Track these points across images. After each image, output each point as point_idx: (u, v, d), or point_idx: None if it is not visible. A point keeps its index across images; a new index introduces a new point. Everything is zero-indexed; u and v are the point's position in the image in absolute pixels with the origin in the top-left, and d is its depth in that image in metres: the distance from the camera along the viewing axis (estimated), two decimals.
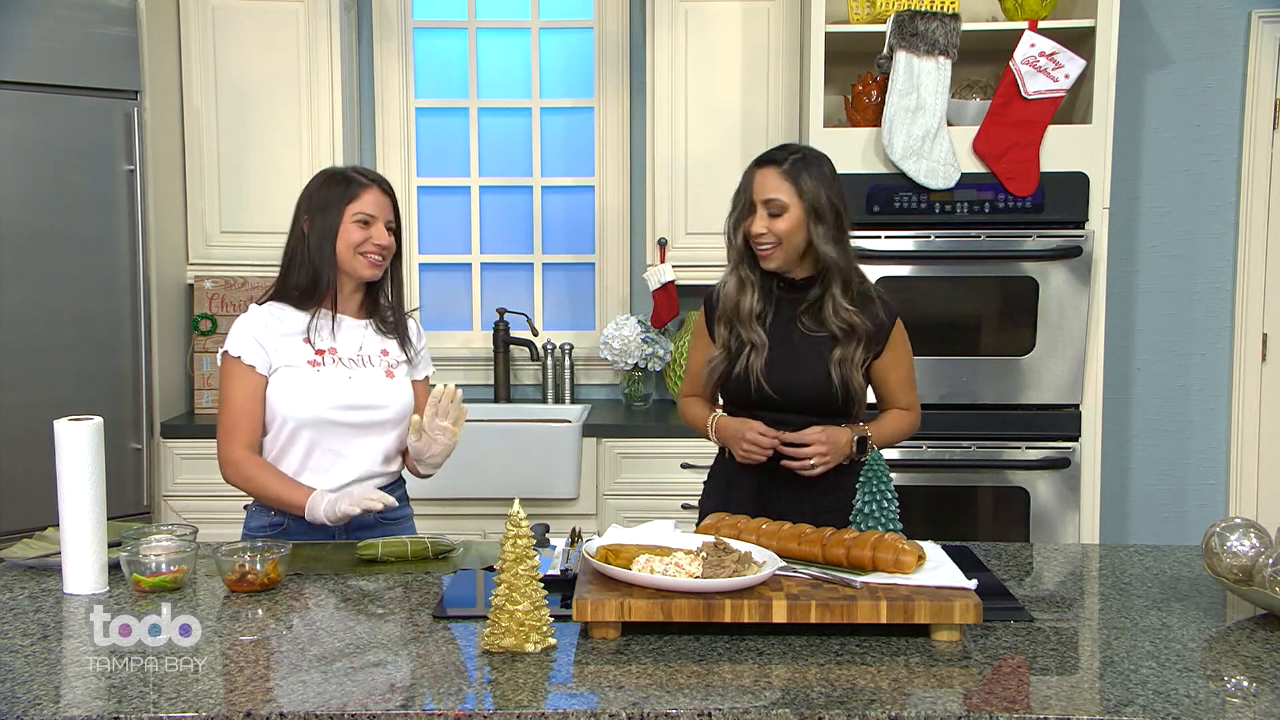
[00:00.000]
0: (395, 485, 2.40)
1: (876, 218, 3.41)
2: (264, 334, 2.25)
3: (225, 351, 2.26)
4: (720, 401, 2.42)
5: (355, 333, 2.33)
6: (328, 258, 2.26)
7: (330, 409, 2.25)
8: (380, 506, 2.17)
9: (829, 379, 2.26)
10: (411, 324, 2.43)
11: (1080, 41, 3.44)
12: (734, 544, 1.79)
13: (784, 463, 2.26)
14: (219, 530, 2.91)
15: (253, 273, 3.81)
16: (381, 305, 2.38)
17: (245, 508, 2.38)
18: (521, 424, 3.66)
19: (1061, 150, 3.40)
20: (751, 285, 2.32)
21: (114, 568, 1.95)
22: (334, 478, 2.28)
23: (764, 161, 2.30)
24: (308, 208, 2.29)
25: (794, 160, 2.27)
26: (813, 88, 3.47)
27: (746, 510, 2.16)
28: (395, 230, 2.32)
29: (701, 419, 2.40)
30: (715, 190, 3.77)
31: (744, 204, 2.31)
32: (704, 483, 2.48)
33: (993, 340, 3.49)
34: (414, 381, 2.41)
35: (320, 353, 2.27)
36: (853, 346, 2.27)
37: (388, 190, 2.31)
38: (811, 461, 2.23)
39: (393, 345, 2.36)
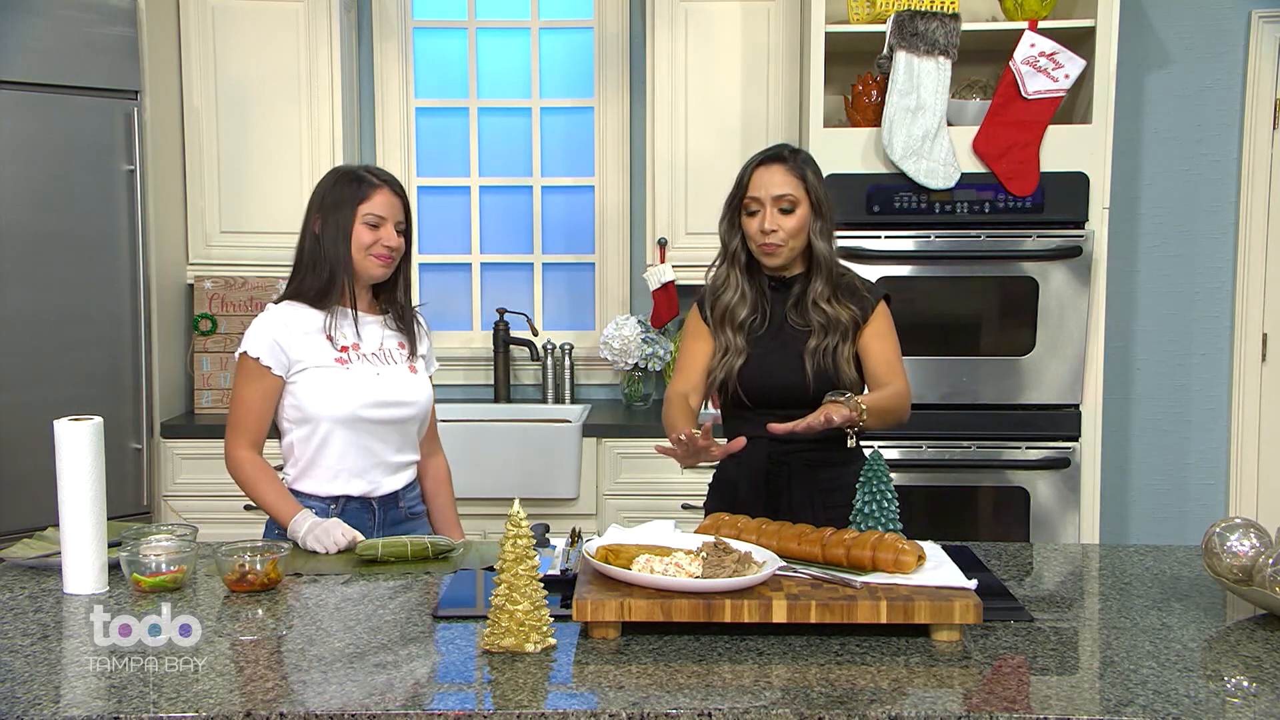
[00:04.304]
0: (414, 484, 2.43)
1: (876, 218, 3.41)
2: (284, 334, 2.25)
3: (244, 352, 2.25)
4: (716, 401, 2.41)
5: (374, 329, 2.34)
6: (342, 258, 2.26)
7: (363, 406, 2.26)
8: (346, 545, 2.16)
9: (804, 372, 2.25)
10: (420, 320, 2.47)
11: (1080, 41, 3.44)
12: (734, 544, 1.79)
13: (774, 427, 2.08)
14: (219, 530, 2.92)
15: (253, 273, 3.81)
16: (395, 301, 2.39)
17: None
18: (521, 424, 3.66)
19: (1061, 150, 3.40)
20: (743, 289, 2.32)
21: (114, 568, 1.95)
22: (371, 477, 2.31)
23: (769, 159, 2.30)
24: (319, 208, 2.29)
25: (797, 157, 2.30)
26: (813, 88, 3.47)
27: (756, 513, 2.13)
28: (406, 230, 2.34)
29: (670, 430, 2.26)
30: (715, 190, 3.73)
31: (741, 203, 2.31)
32: (709, 485, 2.46)
33: (993, 340, 3.49)
34: None
35: (344, 349, 2.28)
36: (834, 337, 2.26)
37: (398, 191, 2.33)
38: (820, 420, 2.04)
39: (407, 340, 2.39)
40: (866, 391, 2.31)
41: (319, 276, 2.27)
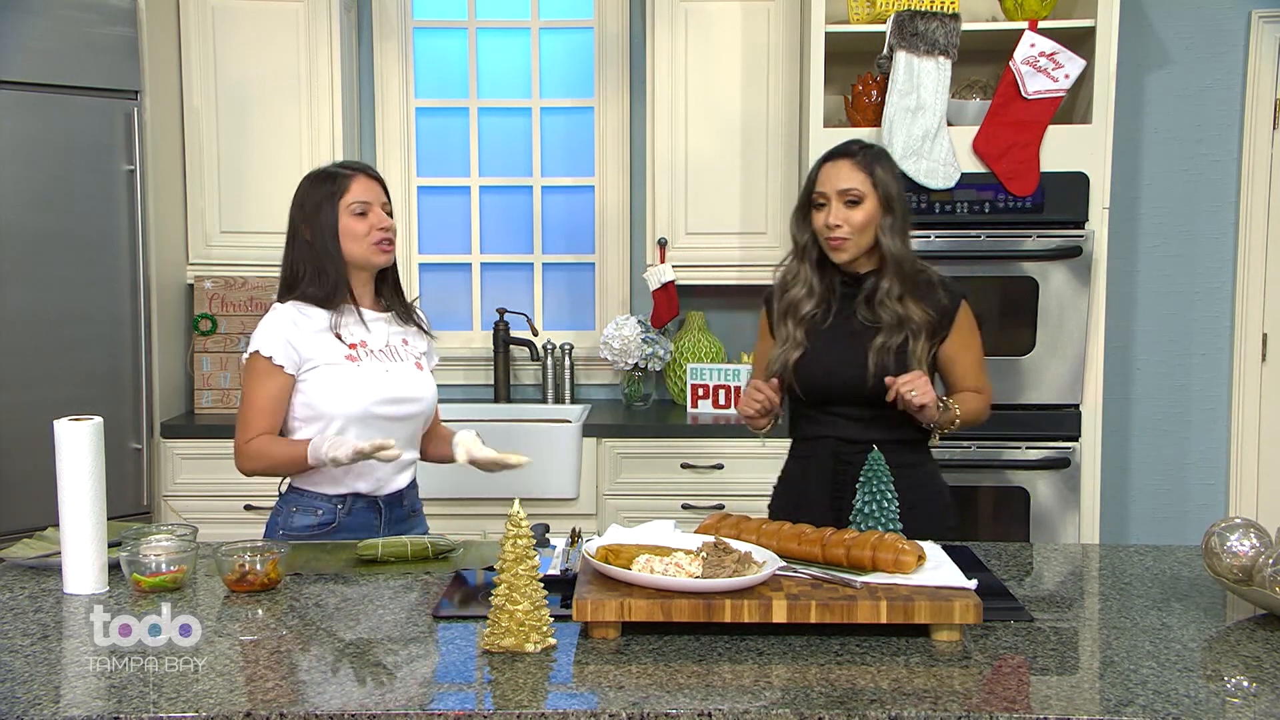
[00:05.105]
0: (415, 482, 2.44)
1: None
2: (295, 332, 2.25)
3: (256, 351, 2.24)
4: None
5: (379, 325, 2.35)
6: (335, 258, 2.27)
7: (374, 403, 2.27)
8: (384, 455, 2.17)
9: (865, 368, 2.24)
10: (421, 315, 2.48)
11: (1080, 41, 3.44)
12: (734, 544, 1.79)
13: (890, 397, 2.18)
14: (219, 530, 2.91)
15: (253, 273, 3.81)
16: (396, 297, 2.40)
17: (281, 495, 2.36)
18: (521, 424, 3.66)
19: (1061, 150, 3.40)
20: (809, 285, 2.33)
21: (114, 568, 1.95)
22: (379, 475, 2.31)
23: (837, 154, 2.32)
24: (303, 215, 2.30)
25: (866, 152, 2.30)
26: (813, 88, 3.47)
27: (823, 517, 2.14)
28: (392, 213, 2.35)
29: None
30: (715, 190, 3.77)
31: (810, 198, 2.31)
32: (773, 486, 2.47)
33: (993, 340, 3.46)
34: None
35: (353, 346, 2.29)
36: (901, 336, 2.26)
37: (374, 175, 2.33)
38: (914, 392, 2.14)
39: (411, 335, 2.41)
40: (945, 393, 2.34)
41: (323, 283, 2.27)
